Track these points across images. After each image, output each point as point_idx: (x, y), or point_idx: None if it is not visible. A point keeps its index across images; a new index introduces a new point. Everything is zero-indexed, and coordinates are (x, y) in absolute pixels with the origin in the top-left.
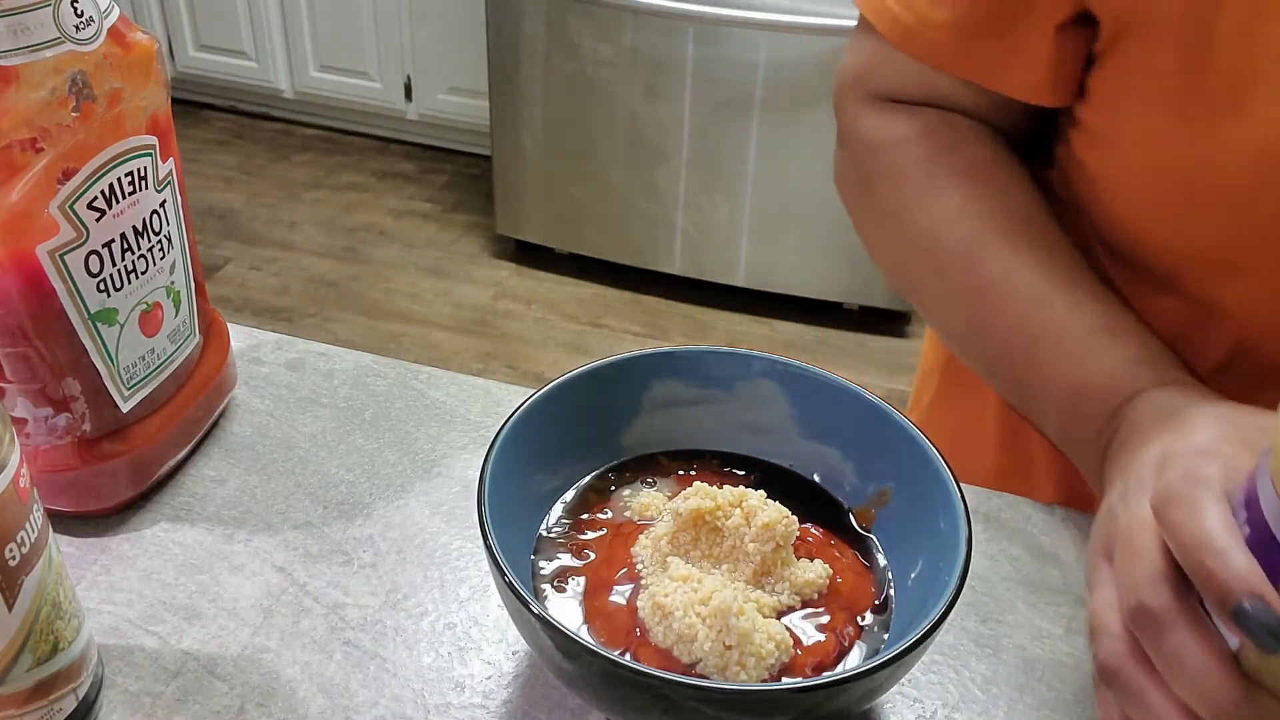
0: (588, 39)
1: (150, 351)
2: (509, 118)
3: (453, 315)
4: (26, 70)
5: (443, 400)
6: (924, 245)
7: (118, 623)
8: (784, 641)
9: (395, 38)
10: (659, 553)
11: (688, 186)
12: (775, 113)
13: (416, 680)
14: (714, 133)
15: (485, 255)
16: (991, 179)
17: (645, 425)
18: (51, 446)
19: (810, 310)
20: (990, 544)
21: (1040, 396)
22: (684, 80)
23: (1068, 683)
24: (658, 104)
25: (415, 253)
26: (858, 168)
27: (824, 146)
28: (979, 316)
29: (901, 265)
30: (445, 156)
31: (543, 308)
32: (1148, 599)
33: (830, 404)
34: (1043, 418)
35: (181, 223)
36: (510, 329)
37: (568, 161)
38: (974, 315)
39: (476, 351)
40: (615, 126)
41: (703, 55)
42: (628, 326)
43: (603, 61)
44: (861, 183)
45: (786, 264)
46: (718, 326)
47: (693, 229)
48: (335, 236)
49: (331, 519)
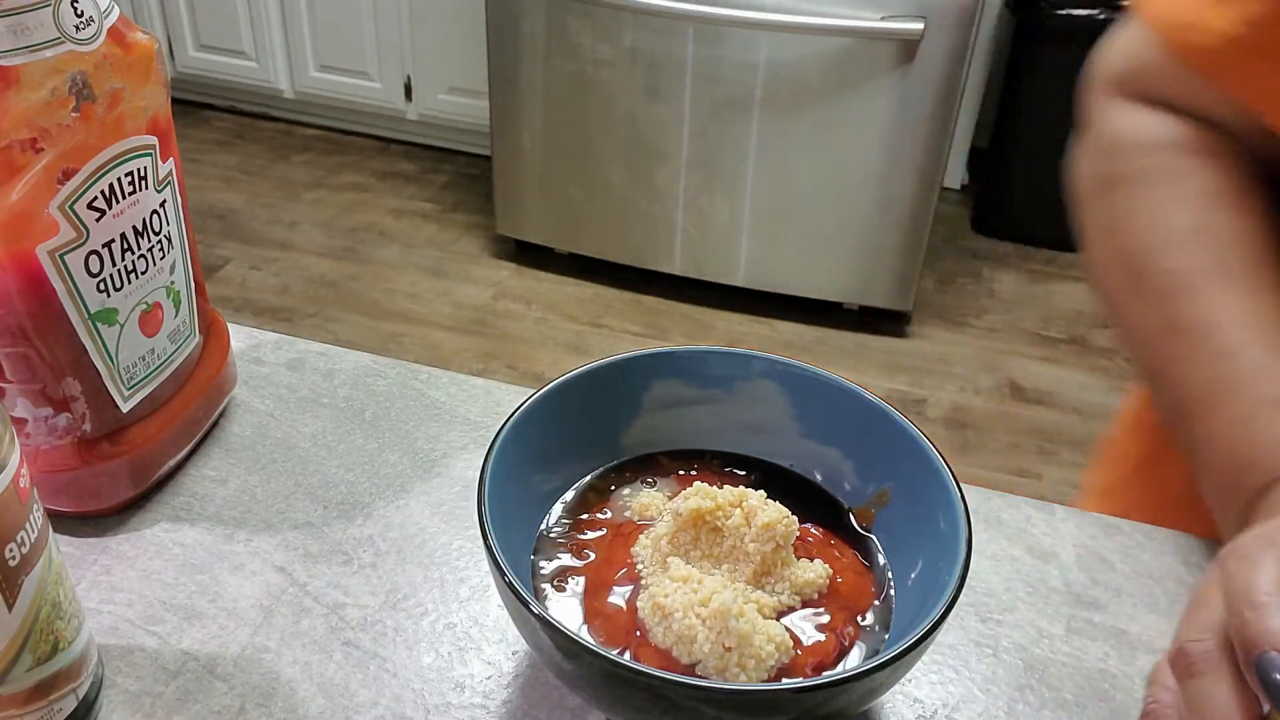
0: (587, 39)
1: (150, 351)
2: (509, 118)
3: (453, 315)
4: (26, 70)
5: (443, 400)
6: (1133, 267)
7: (118, 623)
8: (784, 643)
9: (395, 38)
10: (659, 553)
11: (688, 186)
12: (775, 113)
13: (416, 680)
14: (714, 133)
15: (485, 255)
16: (1230, 209)
17: (645, 425)
18: (51, 446)
19: (810, 310)
20: (990, 544)
21: (1205, 453)
22: (684, 80)
23: (1068, 683)
24: (657, 104)
25: (415, 253)
26: (1098, 164)
27: (824, 146)
28: (1167, 356)
29: (1108, 274)
30: (445, 156)
31: (543, 308)
32: (1189, 644)
33: (830, 404)
34: (1204, 473)
35: (181, 223)
36: (510, 329)
37: (568, 161)
38: (1163, 354)
39: (476, 351)
40: (615, 126)
41: (703, 55)
42: (628, 326)
43: (602, 61)
44: (1099, 181)
45: (786, 264)
46: (718, 326)
47: (693, 229)
48: (335, 236)
49: (331, 519)
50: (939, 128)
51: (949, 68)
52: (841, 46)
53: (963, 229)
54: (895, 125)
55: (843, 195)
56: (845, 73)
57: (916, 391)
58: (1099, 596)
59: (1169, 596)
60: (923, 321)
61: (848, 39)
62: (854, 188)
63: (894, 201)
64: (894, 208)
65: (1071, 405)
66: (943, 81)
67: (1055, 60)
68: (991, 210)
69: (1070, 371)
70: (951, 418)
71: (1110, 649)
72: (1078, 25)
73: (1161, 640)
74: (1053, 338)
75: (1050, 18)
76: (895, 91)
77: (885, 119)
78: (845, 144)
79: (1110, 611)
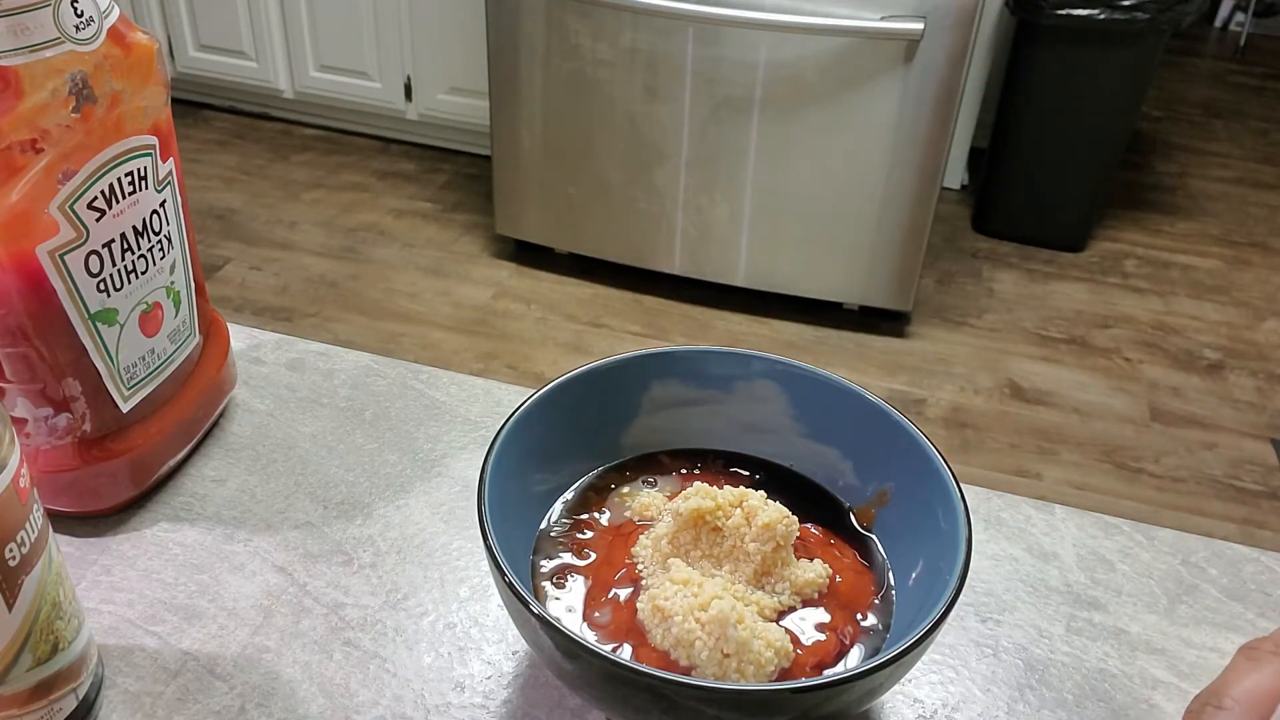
0: (587, 39)
1: (150, 351)
2: (509, 118)
3: (453, 315)
4: (27, 70)
5: (443, 400)
6: None
7: (118, 623)
8: (783, 648)
9: (395, 38)
10: (659, 553)
11: (687, 186)
12: (775, 113)
13: (416, 680)
14: (714, 133)
15: (485, 255)
16: None
17: (645, 425)
18: (51, 446)
19: (810, 310)
20: (990, 544)
21: None
22: (684, 80)
23: (1068, 683)
24: (657, 104)
25: (415, 253)
26: None
27: (824, 146)
28: None
29: None
30: (445, 156)
31: (543, 308)
32: (1195, 701)
33: (830, 404)
34: None
35: (181, 223)
36: (510, 329)
37: (567, 161)
38: None
39: (476, 351)
40: (615, 126)
41: (703, 55)
42: (628, 326)
43: (602, 61)
44: None
45: (786, 264)
46: (718, 326)
47: (693, 229)
48: (335, 236)
49: (331, 519)
50: (939, 128)
51: (949, 68)
52: (841, 46)
53: (963, 229)
54: (895, 125)
55: (843, 195)
56: (845, 73)
57: (916, 391)
58: (1099, 596)
59: (1169, 596)
60: (922, 321)
61: (848, 39)
62: (854, 188)
63: (894, 201)
64: (894, 208)
65: (1071, 405)
66: (943, 82)
67: (1055, 60)
68: (991, 210)
69: (1070, 371)
70: (951, 418)
71: (1110, 649)
72: (1078, 25)
73: (1161, 640)
74: (1052, 338)
75: (1050, 18)
76: (895, 91)
77: (885, 119)
78: (845, 144)
79: (1110, 611)
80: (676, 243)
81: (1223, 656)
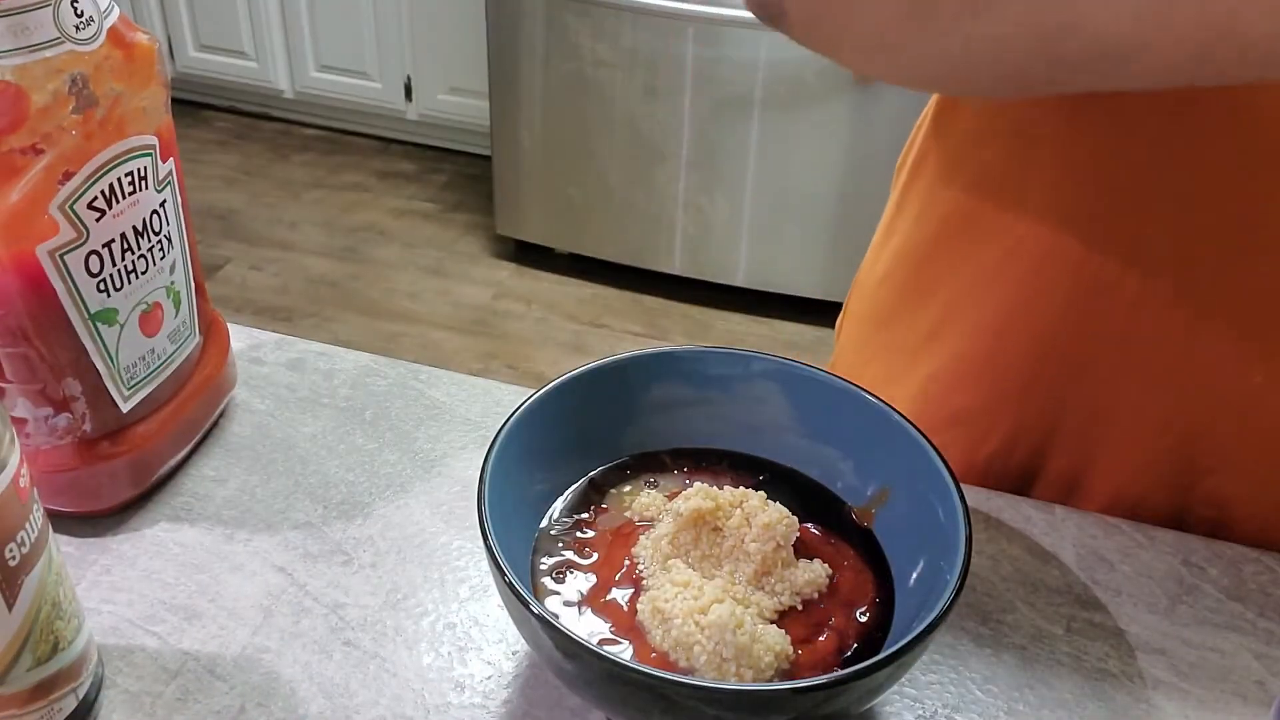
0: (587, 39)
1: (150, 351)
2: (509, 118)
3: (452, 315)
4: (27, 71)
5: (443, 400)
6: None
7: (118, 623)
8: (783, 651)
9: (395, 38)
10: (660, 553)
11: (687, 186)
12: (775, 113)
13: (416, 680)
14: (714, 133)
15: (485, 255)
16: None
17: (645, 425)
18: (51, 446)
19: (810, 310)
20: (990, 544)
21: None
22: (684, 80)
23: (1068, 683)
24: (657, 104)
25: (415, 253)
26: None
27: (824, 146)
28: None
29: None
30: (445, 156)
31: (543, 308)
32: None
33: (830, 404)
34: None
35: (181, 223)
36: (510, 329)
37: (567, 161)
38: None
39: (476, 351)
40: (615, 126)
41: (702, 55)
42: (628, 326)
43: (602, 61)
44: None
45: (786, 264)
46: (718, 326)
47: (693, 229)
48: (335, 236)
49: (331, 519)
50: None
51: None
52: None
53: None
54: (895, 125)
55: (843, 195)
56: (845, 72)
57: None
58: (1099, 596)
59: (1169, 596)
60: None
61: None
62: (854, 187)
63: None
64: None
65: None
66: None
67: None
68: None
69: None
70: None
71: (1110, 649)
72: None
73: (1161, 640)
74: None
75: None
76: (895, 91)
77: (885, 118)
78: (845, 143)
79: (1110, 611)
80: (676, 243)
81: (1223, 656)
